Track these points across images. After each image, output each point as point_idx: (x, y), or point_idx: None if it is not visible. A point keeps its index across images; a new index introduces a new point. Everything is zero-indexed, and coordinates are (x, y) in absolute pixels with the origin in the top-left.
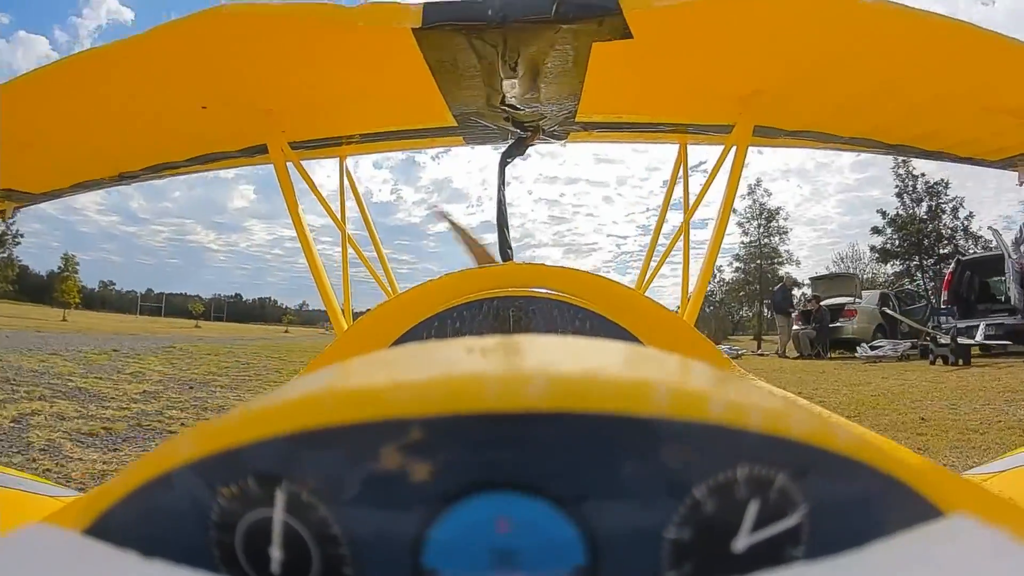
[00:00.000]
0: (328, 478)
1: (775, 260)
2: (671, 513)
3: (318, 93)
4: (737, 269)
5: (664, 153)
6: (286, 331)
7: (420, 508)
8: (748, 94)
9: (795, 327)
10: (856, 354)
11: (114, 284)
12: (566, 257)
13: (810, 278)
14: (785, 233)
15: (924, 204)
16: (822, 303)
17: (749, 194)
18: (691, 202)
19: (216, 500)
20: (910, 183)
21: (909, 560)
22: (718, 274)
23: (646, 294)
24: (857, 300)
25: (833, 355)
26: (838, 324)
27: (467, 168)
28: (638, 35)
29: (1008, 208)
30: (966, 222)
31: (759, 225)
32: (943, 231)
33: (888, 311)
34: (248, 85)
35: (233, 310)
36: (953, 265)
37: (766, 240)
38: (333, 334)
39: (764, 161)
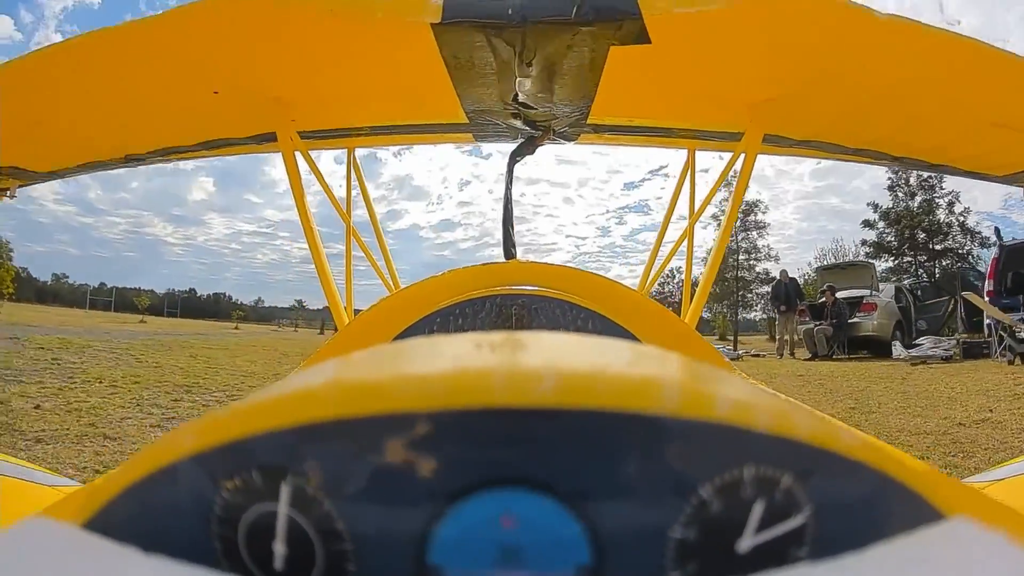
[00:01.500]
0: (333, 472)
1: (752, 256)
2: (676, 512)
3: (330, 83)
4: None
5: (627, 156)
6: (236, 327)
7: (425, 504)
8: (759, 102)
9: (801, 323)
10: (893, 355)
11: (67, 277)
12: (524, 257)
13: (817, 268)
14: (764, 227)
15: (918, 198)
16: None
17: (725, 186)
18: (695, 207)
19: (219, 493)
20: (903, 176)
21: (910, 562)
22: (678, 274)
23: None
24: (875, 293)
25: (853, 356)
26: (855, 320)
27: (428, 166)
28: (655, 40)
29: (989, 205)
30: (962, 217)
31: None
32: (939, 226)
33: (972, 298)
34: (261, 72)
35: (187, 305)
36: (996, 252)
37: (744, 235)
38: (284, 331)
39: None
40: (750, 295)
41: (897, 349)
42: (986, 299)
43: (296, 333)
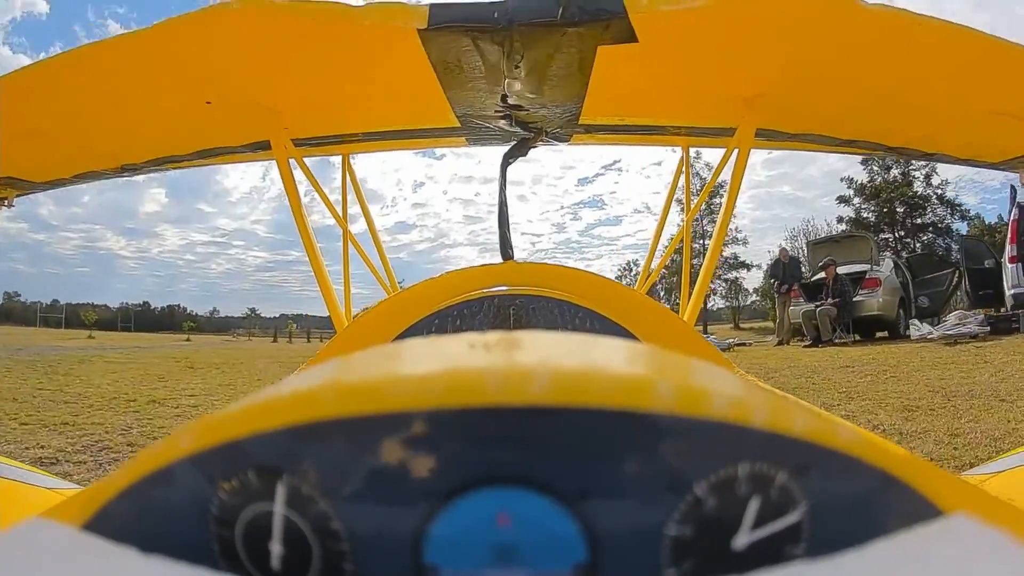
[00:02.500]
0: (329, 472)
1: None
2: (672, 510)
3: (322, 91)
4: (678, 250)
5: (580, 152)
6: (187, 339)
7: (421, 503)
8: (751, 97)
9: (796, 305)
10: (913, 335)
11: (19, 295)
12: (481, 256)
13: (808, 242)
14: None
15: (892, 171)
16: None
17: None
18: (691, 203)
19: (216, 494)
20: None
21: (908, 559)
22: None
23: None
24: (876, 268)
25: (861, 339)
26: (858, 298)
27: (381, 168)
28: (643, 38)
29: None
30: (940, 189)
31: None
32: (919, 199)
33: None
34: (253, 81)
35: (141, 319)
36: (1016, 212)
37: (709, 218)
38: (240, 341)
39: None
40: (715, 281)
41: (917, 328)
42: (1009, 266)
43: (249, 342)
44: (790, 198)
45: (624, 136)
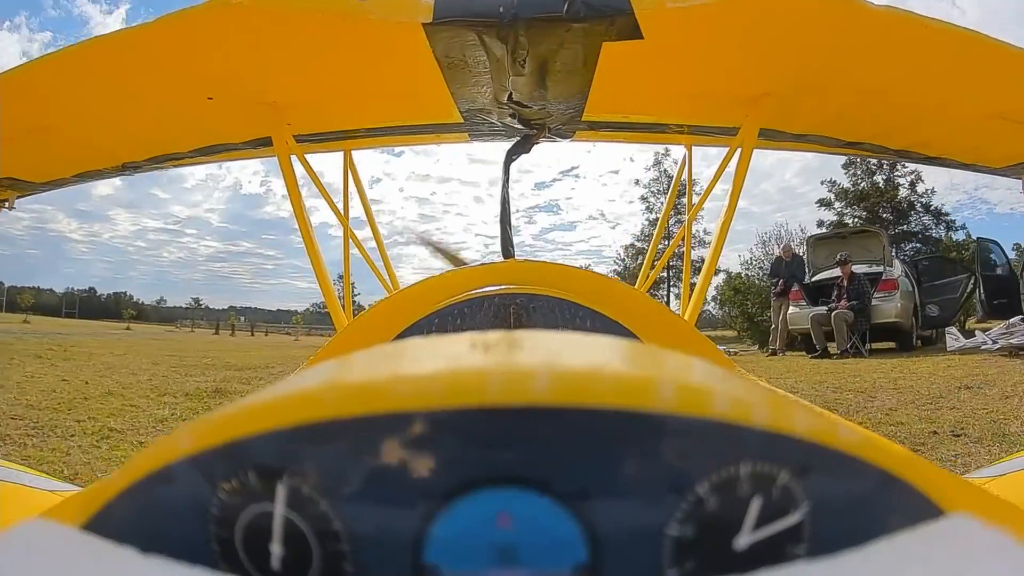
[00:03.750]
0: (329, 472)
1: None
2: (673, 510)
3: (325, 86)
4: (640, 252)
5: (538, 157)
6: (127, 328)
7: (421, 504)
8: (754, 97)
9: (796, 309)
10: (949, 346)
11: None
12: (433, 257)
13: (809, 237)
14: (700, 211)
15: (877, 176)
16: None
17: (656, 164)
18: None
19: (216, 494)
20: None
21: (910, 559)
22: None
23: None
24: (889, 268)
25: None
26: (873, 302)
27: (337, 162)
28: (648, 36)
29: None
30: (925, 198)
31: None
32: (906, 205)
33: None
34: (255, 77)
35: (87, 305)
36: None
37: (676, 219)
38: (182, 332)
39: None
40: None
41: (955, 338)
42: None
43: (192, 333)
44: (745, 212)
45: (627, 134)
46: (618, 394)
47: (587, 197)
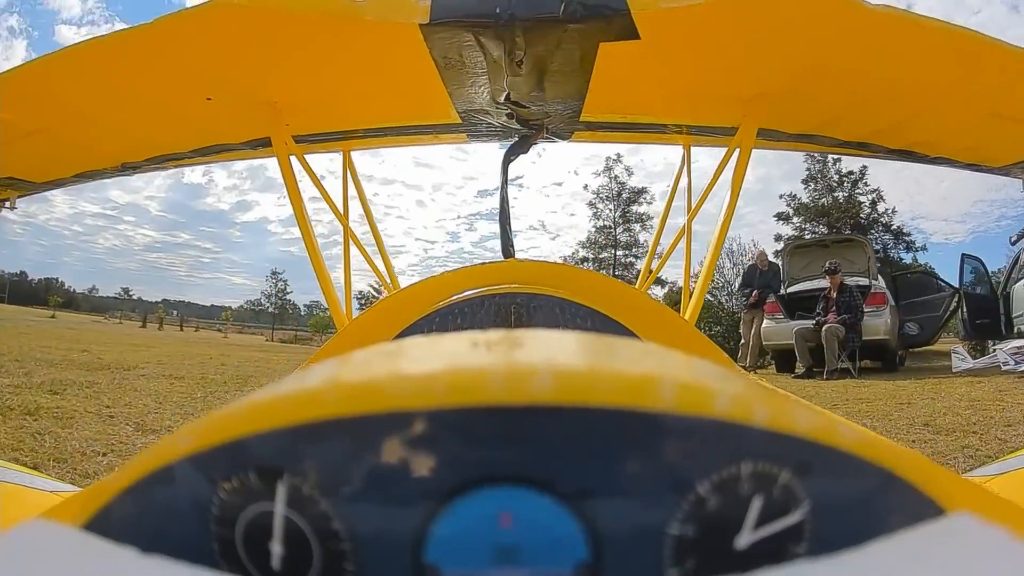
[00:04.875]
0: (330, 472)
1: (633, 251)
2: (675, 509)
3: (323, 87)
4: (584, 259)
5: (484, 164)
6: (53, 316)
7: (422, 503)
8: (752, 97)
9: (772, 322)
10: (955, 366)
11: None
12: (372, 258)
13: (785, 246)
14: (648, 220)
15: (838, 192)
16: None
17: (606, 170)
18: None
19: (216, 494)
20: (816, 167)
21: (911, 558)
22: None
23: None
24: (874, 282)
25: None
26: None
27: (326, 163)
28: (645, 36)
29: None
30: (887, 217)
31: (616, 207)
32: (871, 222)
33: None
34: (254, 77)
35: (16, 290)
36: None
37: (624, 227)
38: (110, 323)
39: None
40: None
41: (957, 357)
42: None
43: (120, 325)
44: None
45: (625, 134)
46: (619, 393)
47: (529, 207)
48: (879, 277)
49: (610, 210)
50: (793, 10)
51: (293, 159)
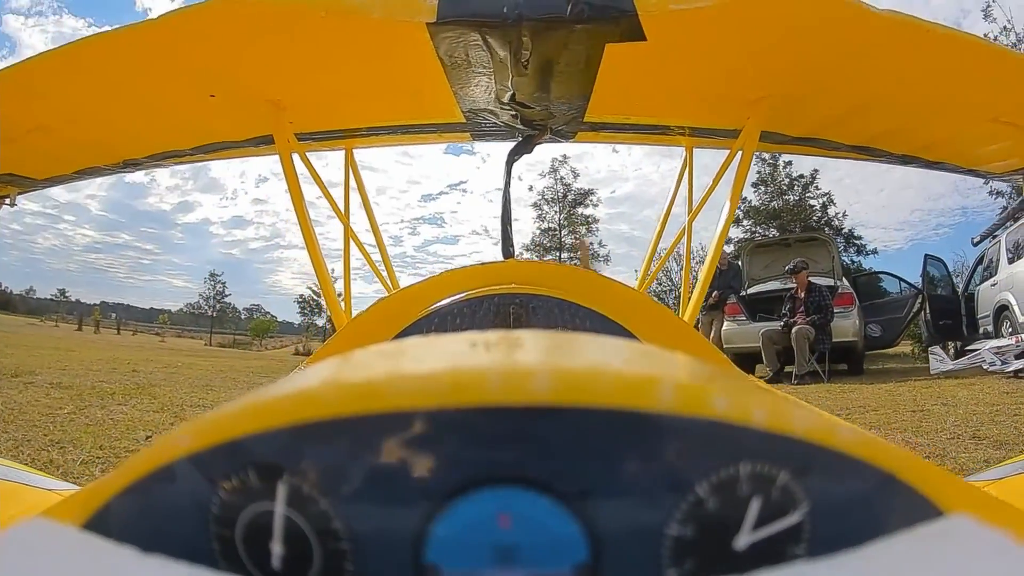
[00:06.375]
0: (330, 471)
1: (579, 253)
2: (673, 510)
3: (327, 85)
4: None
5: (428, 168)
6: None
7: (422, 503)
8: (756, 99)
9: (732, 324)
10: (933, 368)
11: None
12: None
13: (746, 245)
14: (594, 223)
15: (789, 196)
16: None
17: (552, 171)
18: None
19: (216, 493)
20: (767, 170)
21: (909, 559)
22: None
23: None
24: (839, 282)
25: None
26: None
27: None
28: (651, 37)
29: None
30: (837, 220)
31: (562, 209)
32: (815, 226)
33: None
34: (257, 75)
35: None
36: None
37: (568, 230)
38: (46, 326)
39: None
40: None
41: (939, 359)
42: None
43: (57, 328)
44: (626, 236)
45: (629, 135)
46: (618, 394)
47: (472, 212)
48: (843, 278)
49: (555, 212)
50: (798, 14)
51: (295, 158)
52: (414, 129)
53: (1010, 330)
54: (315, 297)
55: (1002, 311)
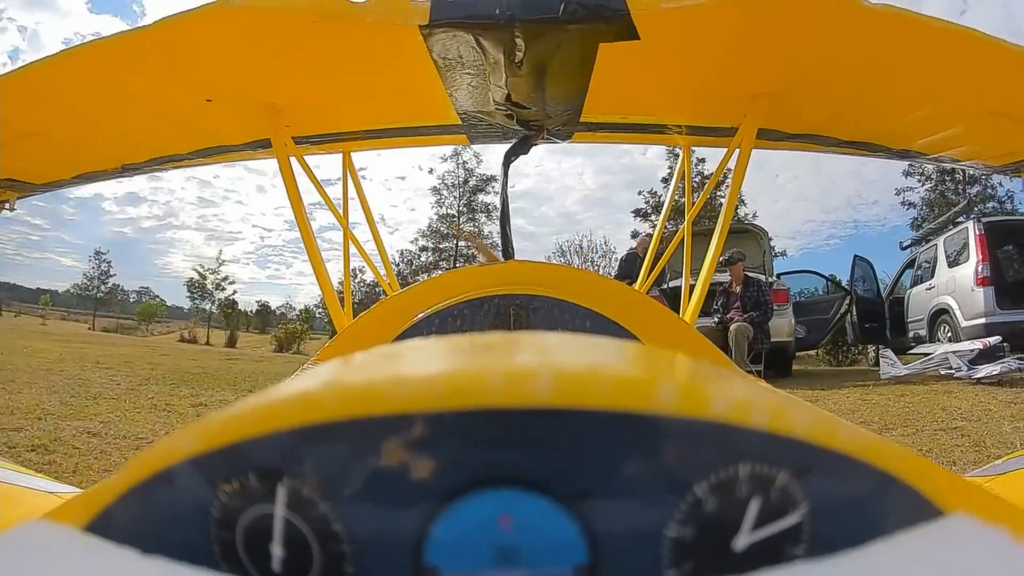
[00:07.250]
0: (330, 474)
1: (475, 243)
2: (672, 511)
3: (323, 88)
4: (424, 248)
5: (323, 157)
6: None
7: (422, 505)
8: (753, 97)
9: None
10: (883, 372)
11: None
12: (207, 243)
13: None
14: (494, 211)
15: (699, 193)
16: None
17: (453, 155)
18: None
19: (217, 496)
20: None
21: (909, 559)
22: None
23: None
24: (772, 278)
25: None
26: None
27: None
28: (645, 36)
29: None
30: (748, 220)
31: (461, 195)
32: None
33: None
34: (254, 79)
35: None
36: (979, 227)
37: (468, 217)
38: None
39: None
40: None
41: (890, 363)
42: (978, 289)
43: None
44: (524, 232)
45: (625, 135)
46: (618, 395)
47: (369, 200)
48: (773, 272)
49: (455, 198)
50: (793, 10)
51: (293, 161)
52: (411, 132)
53: (949, 334)
54: (203, 281)
55: (940, 315)
